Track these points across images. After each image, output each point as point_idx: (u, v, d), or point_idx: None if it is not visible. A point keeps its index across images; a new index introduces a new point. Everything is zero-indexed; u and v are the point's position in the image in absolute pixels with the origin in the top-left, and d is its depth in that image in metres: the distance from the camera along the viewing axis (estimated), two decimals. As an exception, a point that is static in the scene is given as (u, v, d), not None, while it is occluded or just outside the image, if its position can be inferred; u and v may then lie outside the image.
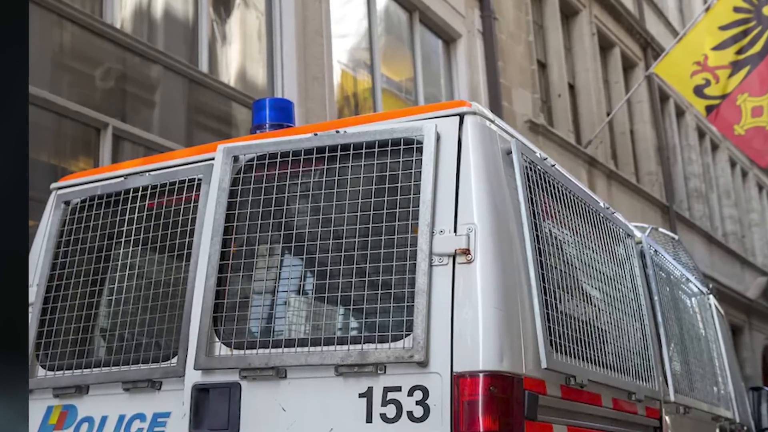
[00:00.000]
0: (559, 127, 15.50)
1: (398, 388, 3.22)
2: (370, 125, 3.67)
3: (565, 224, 3.90)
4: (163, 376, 3.64)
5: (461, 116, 3.52)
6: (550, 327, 3.38)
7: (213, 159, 3.84)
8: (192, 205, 3.84)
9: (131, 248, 3.98)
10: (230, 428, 3.46)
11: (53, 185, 4.37)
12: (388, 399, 3.22)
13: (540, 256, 3.46)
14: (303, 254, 3.64)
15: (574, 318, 3.67)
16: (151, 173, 4.07)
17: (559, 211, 3.86)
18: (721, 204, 23.98)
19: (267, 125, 4.33)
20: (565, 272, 3.72)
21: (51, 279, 4.05)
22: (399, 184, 3.44)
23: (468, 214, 3.33)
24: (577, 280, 3.87)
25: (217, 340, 3.54)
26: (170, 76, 8.58)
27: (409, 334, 3.22)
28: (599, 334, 3.89)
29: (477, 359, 3.15)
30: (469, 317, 3.19)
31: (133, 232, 3.95)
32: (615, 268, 4.37)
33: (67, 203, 4.21)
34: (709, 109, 13.99)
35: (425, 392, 3.18)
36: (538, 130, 14.24)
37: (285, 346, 3.41)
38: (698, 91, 13.90)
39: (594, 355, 3.74)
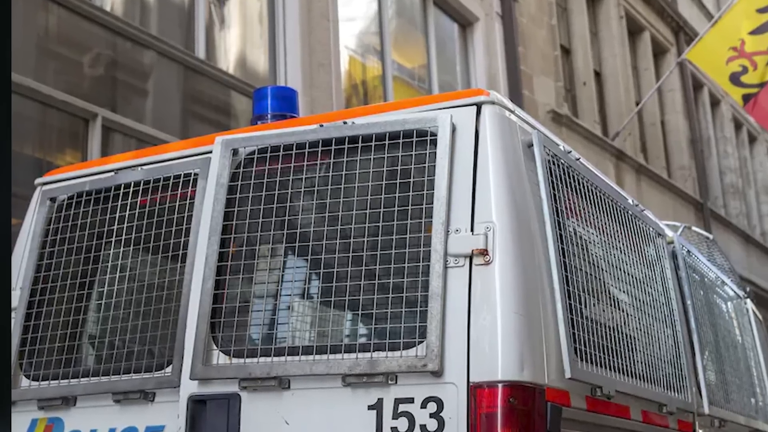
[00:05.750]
0: (584, 118, 15.48)
1: (410, 400, 3.21)
2: (380, 116, 3.67)
3: (590, 223, 3.90)
4: (157, 386, 3.64)
5: (478, 106, 3.52)
6: (574, 333, 3.37)
7: (210, 152, 3.84)
8: (188, 202, 3.84)
9: (122, 248, 3.98)
10: (229, 442, 3.46)
11: (38, 180, 4.38)
12: (399, 411, 3.22)
13: (563, 257, 3.45)
14: (307, 255, 3.63)
15: (601, 324, 3.66)
16: (144, 168, 4.07)
17: (584, 209, 3.85)
18: (759, 201, 23.92)
19: (269, 116, 4.34)
20: (590, 274, 3.71)
21: (36, 282, 4.05)
22: (411, 180, 3.44)
23: (486, 212, 3.32)
24: (604, 282, 3.86)
25: (214, 347, 3.53)
26: (164, 63, 8.59)
27: (422, 342, 3.22)
28: (627, 341, 3.88)
29: (495, 368, 3.14)
30: (486, 323, 3.19)
31: (125, 231, 3.96)
32: (645, 270, 4.36)
33: (53, 200, 4.21)
34: (746, 98, 13.96)
35: (440, 404, 3.17)
36: (561, 121, 14.23)
37: (288, 354, 3.41)
38: (734, 78, 13.87)
39: (622, 364, 3.73)
